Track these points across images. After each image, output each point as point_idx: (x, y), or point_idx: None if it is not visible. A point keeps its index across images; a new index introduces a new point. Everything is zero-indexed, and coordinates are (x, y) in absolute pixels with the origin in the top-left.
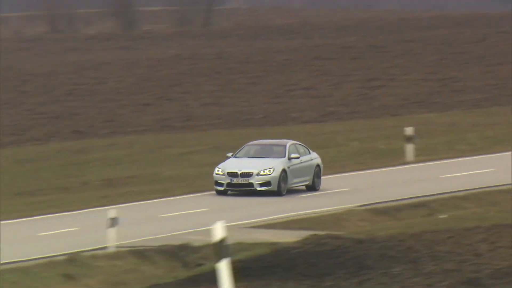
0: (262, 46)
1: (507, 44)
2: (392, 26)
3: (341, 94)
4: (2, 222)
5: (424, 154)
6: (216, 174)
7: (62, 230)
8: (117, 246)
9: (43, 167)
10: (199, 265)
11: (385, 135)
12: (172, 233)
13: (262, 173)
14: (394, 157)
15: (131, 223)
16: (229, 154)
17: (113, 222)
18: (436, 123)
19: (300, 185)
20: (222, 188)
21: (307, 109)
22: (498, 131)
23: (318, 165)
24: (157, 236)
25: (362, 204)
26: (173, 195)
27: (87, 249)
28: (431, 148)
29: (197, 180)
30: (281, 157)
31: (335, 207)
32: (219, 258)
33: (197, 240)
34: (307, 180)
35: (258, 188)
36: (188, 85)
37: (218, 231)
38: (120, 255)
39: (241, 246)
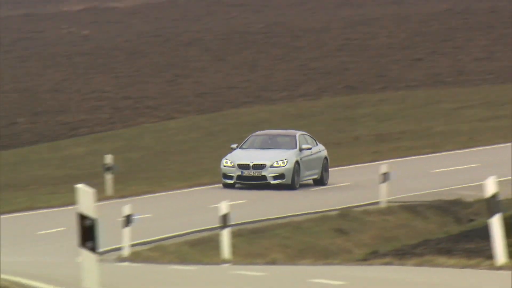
0: None
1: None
2: None
3: None
4: None
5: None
6: (225, 166)
7: (333, 186)
8: (388, 201)
9: (315, 122)
10: (471, 220)
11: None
12: (444, 189)
13: (275, 165)
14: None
15: (402, 178)
16: (234, 145)
17: (385, 177)
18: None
19: (309, 179)
20: (231, 181)
21: None
22: None
23: (326, 158)
24: (428, 191)
25: None
26: (445, 150)
27: (358, 204)
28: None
29: (471, 135)
30: (292, 148)
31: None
32: (491, 213)
33: (469, 196)
34: (316, 173)
35: (272, 182)
36: (459, 40)
37: (490, 186)
38: (391, 210)
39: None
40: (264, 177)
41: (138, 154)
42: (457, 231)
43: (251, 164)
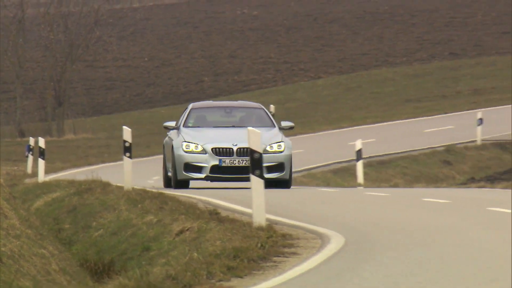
0: None
1: None
2: None
3: None
4: (395, 122)
5: None
6: (187, 152)
7: (441, 128)
8: (483, 140)
9: (428, 80)
10: None
11: None
12: None
13: (270, 149)
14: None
15: (494, 122)
16: (169, 124)
17: (480, 122)
18: None
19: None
20: (201, 176)
21: None
22: None
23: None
24: None
25: None
26: None
27: (460, 142)
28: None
29: None
30: (268, 126)
31: None
32: None
33: None
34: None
35: (265, 175)
36: None
37: None
38: (485, 146)
39: None
40: None
41: (294, 104)
42: None
43: (234, 149)
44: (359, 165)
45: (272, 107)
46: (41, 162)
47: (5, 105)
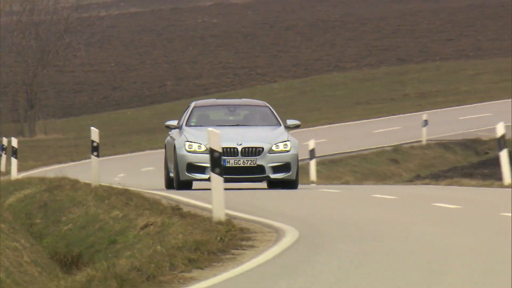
0: None
1: None
2: None
3: None
4: (346, 123)
5: None
6: (190, 152)
7: (389, 129)
8: (428, 140)
9: (375, 84)
10: (486, 153)
11: None
12: (467, 131)
13: (275, 149)
14: None
15: (438, 123)
16: (171, 123)
17: (425, 123)
18: None
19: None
20: (205, 177)
21: None
22: None
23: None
24: (456, 133)
25: None
26: (468, 104)
27: (406, 142)
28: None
29: (486, 93)
30: (273, 125)
31: None
32: (500, 148)
33: (485, 136)
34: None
35: (271, 175)
36: (478, 25)
37: (500, 129)
38: (430, 146)
39: None
40: (261, 169)
41: None
42: (476, 160)
43: (239, 148)
44: (312, 164)
45: None
46: (14, 161)
47: None
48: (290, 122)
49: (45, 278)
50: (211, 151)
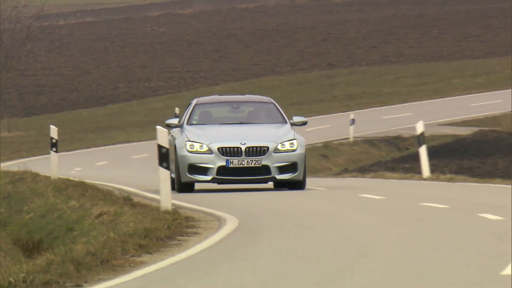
0: None
1: None
2: None
3: None
4: None
5: None
6: (191, 152)
7: (320, 127)
8: (354, 137)
9: (307, 87)
10: (407, 149)
11: None
12: (390, 129)
13: (281, 148)
14: None
15: (364, 122)
16: (172, 121)
17: (352, 122)
18: None
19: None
20: (208, 178)
21: None
22: None
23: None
24: (380, 131)
25: None
26: (391, 104)
27: (335, 139)
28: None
29: (407, 95)
30: (281, 122)
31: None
32: (419, 145)
33: (406, 133)
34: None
35: (277, 176)
36: (400, 34)
37: (419, 127)
38: (356, 143)
39: (433, 137)
40: (266, 169)
41: None
42: (398, 156)
43: (243, 148)
44: None
45: (177, 109)
46: None
47: None
48: (296, 119)
49: (9, 262)
50: (159, 147)
